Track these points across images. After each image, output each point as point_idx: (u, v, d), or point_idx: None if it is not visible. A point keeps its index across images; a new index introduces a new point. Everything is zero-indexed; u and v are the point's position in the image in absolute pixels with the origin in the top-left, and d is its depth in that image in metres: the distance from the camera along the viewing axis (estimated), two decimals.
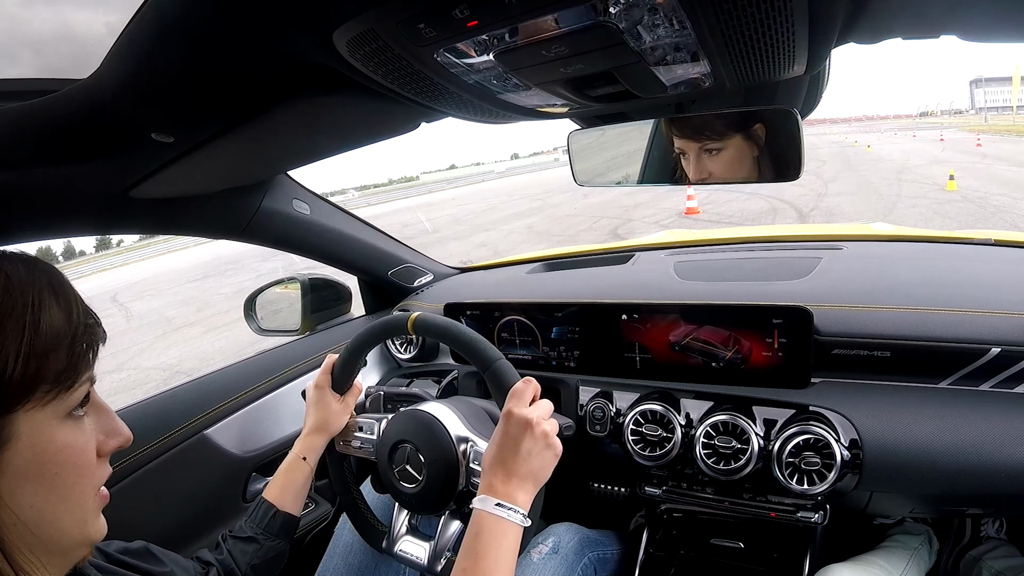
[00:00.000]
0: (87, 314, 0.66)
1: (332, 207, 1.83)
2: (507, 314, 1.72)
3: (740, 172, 1.12)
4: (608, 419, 1.52)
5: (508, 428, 1.02)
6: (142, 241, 50.42)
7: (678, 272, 1.74)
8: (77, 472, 0.64)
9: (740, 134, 1.08)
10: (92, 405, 0.68)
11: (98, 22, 0.65)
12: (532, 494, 1.02)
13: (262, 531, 1.17)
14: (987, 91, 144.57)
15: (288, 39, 0.71)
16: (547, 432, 1.03)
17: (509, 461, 1.01)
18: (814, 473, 1.25)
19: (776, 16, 0.63)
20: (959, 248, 1.68)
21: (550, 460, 1.04)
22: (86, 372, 0.65)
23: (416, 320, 1.22)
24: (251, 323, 2.08)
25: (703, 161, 1.13)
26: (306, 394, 1.34)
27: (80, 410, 0.65)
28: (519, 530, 0.98)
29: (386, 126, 1.17)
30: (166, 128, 0.92)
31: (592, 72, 0.81)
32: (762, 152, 1.08)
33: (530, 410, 1.03)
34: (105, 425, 0.70)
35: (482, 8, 0.60)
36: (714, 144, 1.11)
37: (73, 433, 0.64)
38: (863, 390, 1.31)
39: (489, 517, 0.96)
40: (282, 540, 1.19)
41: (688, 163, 1.15)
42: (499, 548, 0.94)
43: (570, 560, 1.36)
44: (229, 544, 1.14)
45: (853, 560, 1.43)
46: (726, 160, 1.11)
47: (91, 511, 0.68)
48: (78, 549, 0.69)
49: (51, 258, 21.30)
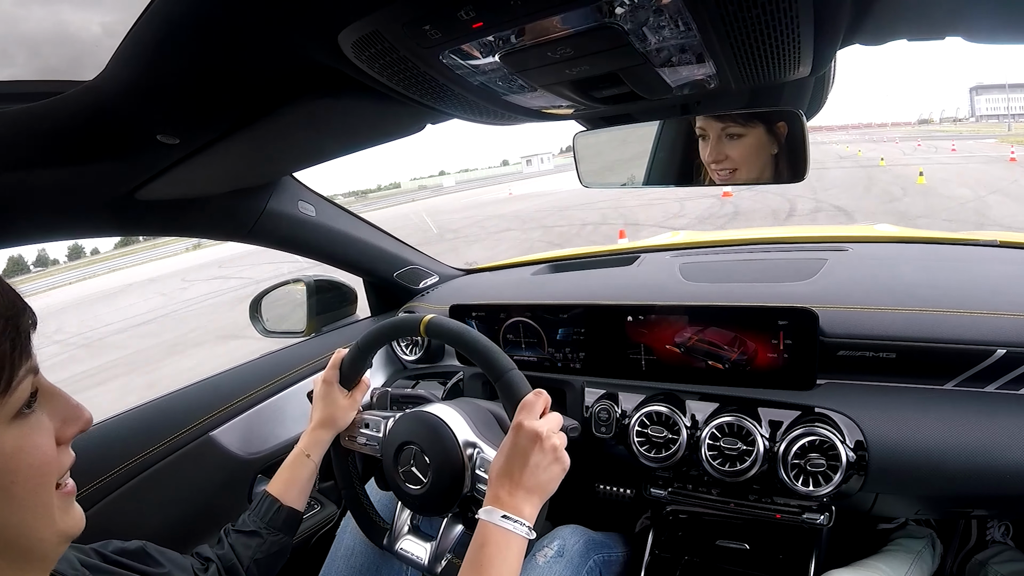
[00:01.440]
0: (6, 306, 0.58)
1: (338, 209, 1.83)
2: (512, 315, 1.72)
3: (755, 164, 1.12)
4: (614, 421, 1.51)
5: (517, 440, 1.02)
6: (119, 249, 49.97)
7: (683, 273, 1.74)
8: (35, 474, 0.60)
9: (763, 126, 1.08)
10: (42, 395, 0.62)
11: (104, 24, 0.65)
12: (538, 507, 1.02)
13: (265, 525, 1.17)
14: (989, 98, 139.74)
15: (293, 41, 0.71)
16: (556, 446, 1.03)
17: (517, 473, 1.01)
18: (819, 475, 1.25)
19: (781, 18, 0.63)
20: (964, 249, 1.67)
21: (557, 474, 1.04)
22: (22, 367, 0.58)
23: (429, 323, 1.22)
24: (256, 324, 2.08)
25: (722, 144, 1.12)
26: (313, 389, 1.35)
27: (28, 408, 0.59)
28: (524, 542, 0.98)
29: (391, 127, 1.17)
30: (172, 130, 0.92)
31: (597, 73, 0.82)
32: (780, 151, 1.08)
33: (540, 423, 1.03)
34: (61, 412, 0.65)
35: (488, 9, 0.60)
36: (736, 129, 1.10)
37: (23, 435, 0.59)
38: (869, 392, 1.31)
39: (495, 529, 0.97)
40: (285, 535, 1.19)
41: (706, 145, 1.14)
42: (504, 561, 0.95)
43: (575, 563, 1.36)
44: (232, 538, 1.14)
45: (855, 565, 1.43)
46: (745, 147, 1.11)
47: (58, 508, 0.63)
48: (56, 548, 0.65)
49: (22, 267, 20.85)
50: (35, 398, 0.61)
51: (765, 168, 1.11)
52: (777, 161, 1.09)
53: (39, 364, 0.62)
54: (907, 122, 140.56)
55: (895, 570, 1.43)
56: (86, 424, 0.67)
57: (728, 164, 1.13)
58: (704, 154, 1.15)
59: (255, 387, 1.71)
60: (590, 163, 1.32)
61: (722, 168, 1.14)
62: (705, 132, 1.14)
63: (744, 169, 1.13)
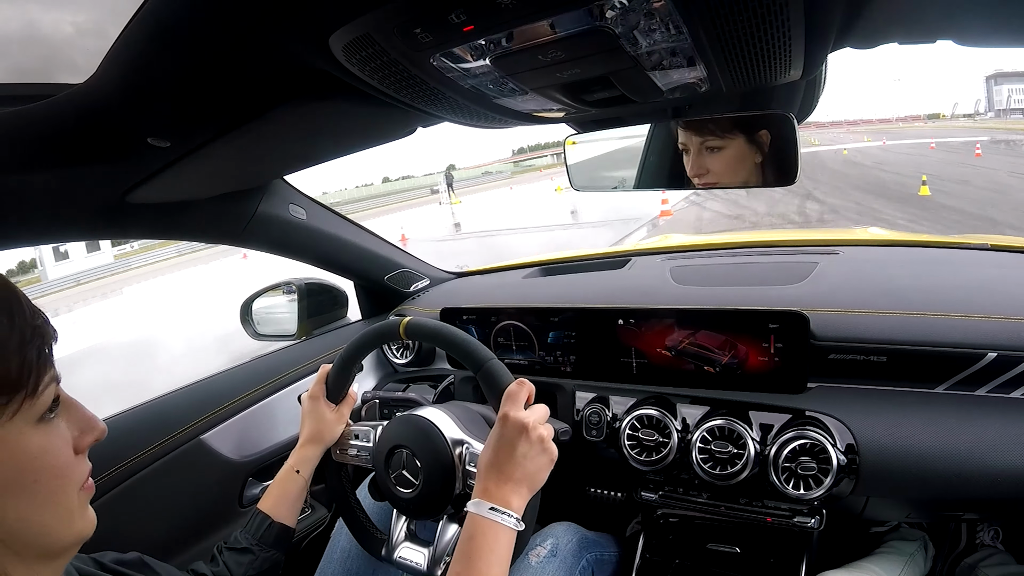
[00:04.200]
0: (33, 315, 0.64)
1: (329, 212, 1.83)
2: (503, 319, 1.72)
3: (739, 173, 1.12)
4: (604, 424, 1.51)
5: (504, 432, 1.02)
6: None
7: (674, 277, 1.74)
8: (56, 475, 0.64)
9: (744, 136, 1.08)
10: (62, 404, 0.67)
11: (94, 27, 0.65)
12: (526, 499, 1.02)
13: (257, 542, 1.17)
14: (1012, 88, 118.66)
15: (284, 44, 0.71)
16: (543, 436, 1.02)
17: (504, 465, 1.00)
18: (810, 478, 1.25)
19: (772, 21, 0.63)
20: (955, 253, 1.68)
21: (545, 464, 1.03)
22: (46, 374, 0.63)
23: (408, 325, 1.22)
24: (247, 328, 2.07)
25: (703, 157, 1.13)
26: (301, 404, 1.34)
27: (50, 413, 0.64)
28: (513, 534, 0.97)
29: (382, 131, 1.17)
30: (162, 133, 0.92)
31: (589, 77, 0.82)
32: (765, 158, 1.08)
33: (526, 414, 1.02)
34: (79, 421, 0.69)
35: (479, 13, 0.60)
36: (715, 142, 1.11)
37: (47, 438, 0.63)
38: (859, 395, 1.31)
39: (483, 521, 0.96)
40: (277, 551, 1.19)
41: (689, 158, 1.15)
42: (492, 552, 0.94)
43: (568, 563, 1.35)
44: (225, 556, 1.15)
45: (848, 567, 1.43)
46: (726, 159, 1.12)
47: (76, 509, 0.67)
48: (70, 549, 0.69)
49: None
50: (56, 405, 0.65)
51: (750, 176, 1.12)
52: (764, 167, 1.09)
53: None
54: (915, 115, 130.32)
55: (888, 572, 1.43)
56: (101, 434, 0.71)
57: (710, 177, 1.15)
58: (687, 167, 1.16)
59: (246, 390, 1.70)
60: (581, 166, 1.32)
61: (704, 181, 1.15)
62: (687, 146, 1.15)
63: (727, 179, 1.14)
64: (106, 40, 0.65)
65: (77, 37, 0.68)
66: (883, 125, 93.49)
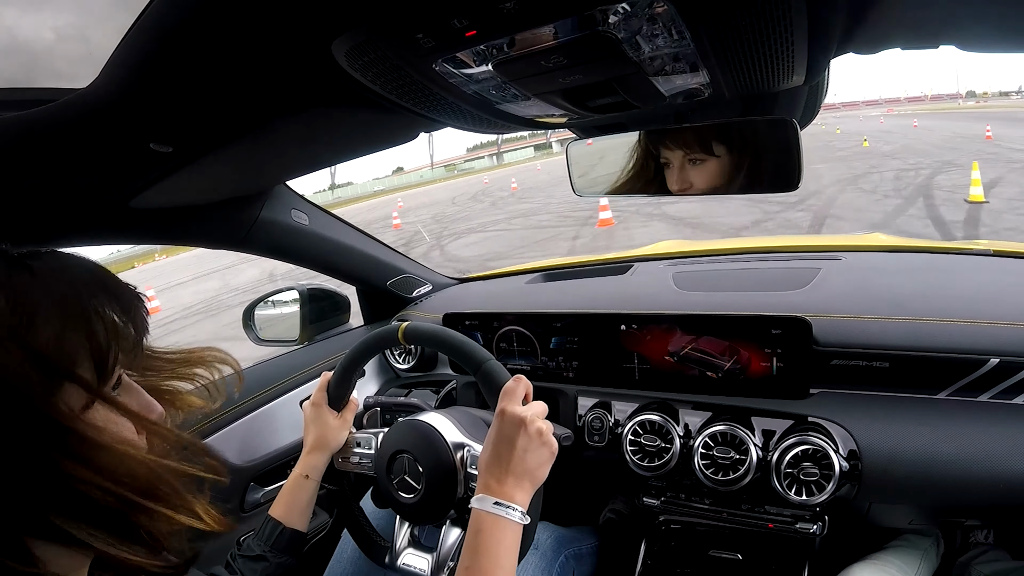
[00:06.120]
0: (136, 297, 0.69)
1: (331, 217, 1.83)
2: (506, 324, 1.72)
3: (727, 183, 1.12)
4: (607, 429, 1.51)
5: (502, 427, 1.01)
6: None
7: (676, 282, 1.74)
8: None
9: (724, 146, 1.08)
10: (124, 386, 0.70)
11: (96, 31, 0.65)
12: (530, 492, 1.01)
13: (270, 548, 1.17)
14: None
15: (287, 49, 0.71)
16: (542, 430, 1.02)
17: (504, 460, 1.00)
18: (812, 484, 1.24)
19: (775, 27, 0.63)
20: (958, 258, 1.68)
21: (546, 458, 1.03)
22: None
23: (406, 330, 1.22)
24: (250, 333, 2.07)
25: (686, 171, 1.13)
26: (303, 411, 1.34)
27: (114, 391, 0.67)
28: (519, 528, 0.97)
29: (384, 136, 1.17)
30: (165, 138, 0.92)
31: (591, 82, 0.82)
32: (753, 163, 1.08)
33: (523, 408, 1.02)
34: (137, 403, 0.71)
35: (481, 18, 0.60)
36: (699, 154, 1.11)
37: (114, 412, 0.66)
38: (862, 401, 1.31)
39: (487, 516, 0.96)
40: (290, 556, 1.19)
41: (671, 173, 1.15)
42: (499, 545, 0.94)
43: (548, 558, 1.37)
44: (239, 563, 1.15)
45: (870, 560, 1.42)
46: (710, 171, 1.11)
47: None
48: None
49: None
50: (119, 384, 0.68)
51: (741, 182, 1.11)
52: (750, 173, 1.09)
53: None
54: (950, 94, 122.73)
55: (908, 565, 1.42)
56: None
57: (694, 191, 1.14)
58: (670, 183, 1.16)
59: (248, 395, 1.70)
60: (583, 172, 1.32)
61: (690, 194, 1.16)
62: (669, 161, 1.15)
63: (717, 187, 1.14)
64: (108, 45, 0.65)
65: (79, 42, 0.68)
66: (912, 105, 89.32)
